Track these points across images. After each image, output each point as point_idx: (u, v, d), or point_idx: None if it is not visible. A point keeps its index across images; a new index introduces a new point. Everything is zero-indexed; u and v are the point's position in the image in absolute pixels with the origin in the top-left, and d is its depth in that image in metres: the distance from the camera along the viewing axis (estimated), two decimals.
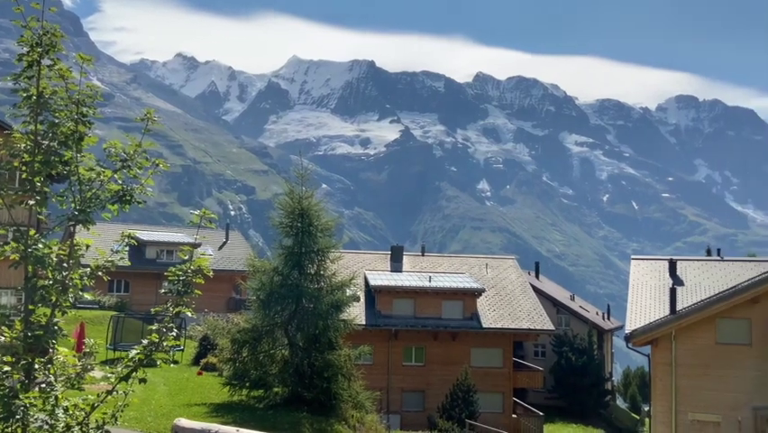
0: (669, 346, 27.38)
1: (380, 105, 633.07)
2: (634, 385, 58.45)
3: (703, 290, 30.19)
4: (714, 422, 26.77)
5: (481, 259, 47.46)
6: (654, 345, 27.82)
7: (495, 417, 36.30)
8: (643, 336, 27.69)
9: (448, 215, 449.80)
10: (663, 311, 28.63)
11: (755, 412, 26.14)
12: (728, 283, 29.49)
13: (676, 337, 27.30)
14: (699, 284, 30.94)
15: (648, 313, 29.33)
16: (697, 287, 30.68)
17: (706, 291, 29.73)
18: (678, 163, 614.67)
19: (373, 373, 36.70)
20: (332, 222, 21.92)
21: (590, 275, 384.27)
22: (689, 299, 29.08)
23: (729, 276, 31.00)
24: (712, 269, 32.80)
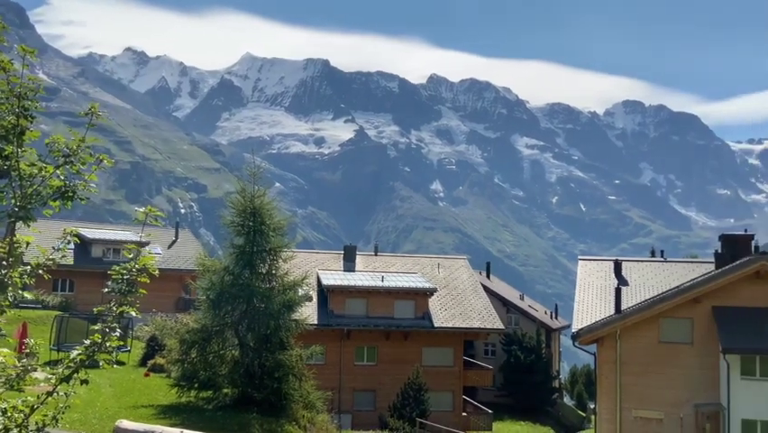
0: (614, 345, 28.10)
1: (335, 105, 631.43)
2: (580, 383, 59.72)
3: (647, 290, 31.06)
4: (657, 419, 27.59)
5: (433, 259, 47.80)
6: (600, 343, 28.51)
7: (445, 415, 36.62)
8: (589, 335, 28.35)
9: (401, 215, 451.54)
10: (609, 311, 29.35)
11: (696, 409, 27.03)
12: (671, 284, 30.45)
13: (621, 336, 28.04)
14: (644, 284, 31.83)
15: (594, 312, 30.02)
16: (641, 287, 31.55)
17: (650, 291, 30.60)
18: (624, 167, 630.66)
19: (325, 373, 36.56)
20: (284, 221, 21.75)
21: (539, 275, 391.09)
22: (633, 299, 29.89)
23: (672, 277, 31.99)
24: (656, 270, 33.78)
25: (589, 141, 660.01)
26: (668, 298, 27.76)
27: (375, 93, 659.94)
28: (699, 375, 27.19)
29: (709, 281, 27.31)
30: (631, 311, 28.16)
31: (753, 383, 25.37)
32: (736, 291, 27.05)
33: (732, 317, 26.47)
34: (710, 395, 26.84)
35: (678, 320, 27.73)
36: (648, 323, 27.93)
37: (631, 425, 27.77)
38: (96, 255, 48.06)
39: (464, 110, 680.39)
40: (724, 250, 30.29)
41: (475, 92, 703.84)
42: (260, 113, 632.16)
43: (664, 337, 27.89)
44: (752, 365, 25.51)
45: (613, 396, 28.05)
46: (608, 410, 28.24)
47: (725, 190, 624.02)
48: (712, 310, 26.95)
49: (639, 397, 27.73)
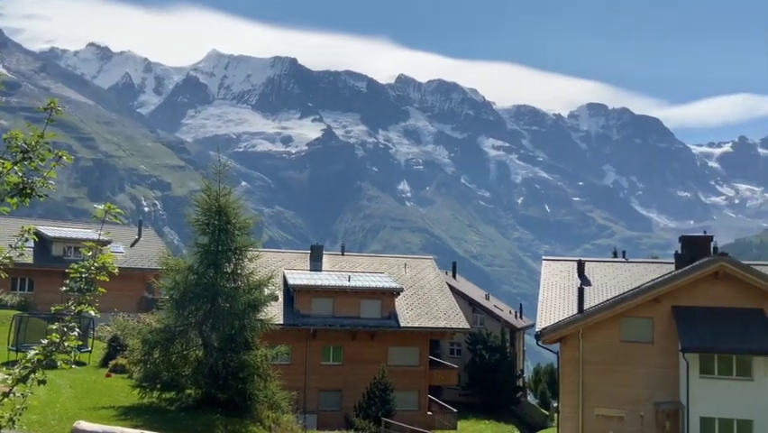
0: (576, 344, 28.51)
1: (302, 104, 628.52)
2: (544, 382, 60.45)
3: (609, 290, 31.59)
4: (618, 417, 28.08)
5: (400, 259, 47.93)
6: (563, 342, 28.91)
7: (411, 414, 36.75)
8: (552, 334, 28.72)
9: (369, 214, 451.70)
10: (572, 310, 29.77)
11: (656, 407, 27.59)
12: (633, 284, 31.02)
13: (583, 335, 28.47)
14: (606, 284, 32.37)
15: (557, 312, 30.44)
16: (603, 287, 32.08)
17: (611, 291, 31.14)
18: (588, 168, 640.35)
19: (290, 373, 36.34)
20: (250, 220, 21.55)
21: (505, 275, 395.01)
22: (596, 299, 30.36)
23: (633, 277, 32.60)
24: (618, 270, 34.38)
25: (554, 142, 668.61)
26: (629, 298, 28.28)
27: (343, 92, 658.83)
28: (659, 374, 27.75)
29: (669, 282, 27.89)
30: (593, 311, 28.60)
31: (711, 382, 25.98)
32: (696, 292, 27.68)
33: (691, 316, 27.08)
34: (670, 393, 27.42)
35: (639, 320, 28.26)
36: (610, 322, 28.41)
37: (593, 423, 28.21)
38: (57, 254, 47.06)
39: (432, 111, 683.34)
40: (684, 251, 30.97)
41: (443, 93, 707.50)
42: (227, 110, 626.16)
43: (626, 337, 28.40)
44: (710, 364, 26.12)
45: (575, 394, 28.47)
46: (570, 409, 28.64)
47: (685, 193, 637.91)
48: (672, 310, 27.53)
49: (601, 395, 28.19)
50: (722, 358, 26.01)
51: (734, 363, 25.93)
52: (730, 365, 25.98)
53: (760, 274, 27.33)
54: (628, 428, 27.79)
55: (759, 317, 26.43)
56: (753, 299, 27.02)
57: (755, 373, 25.59)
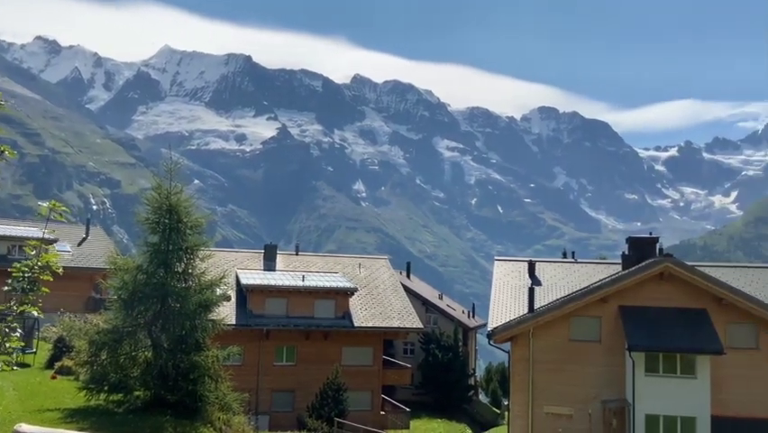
0: (527, 343, 28.97)
1: (257, 102, 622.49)
2: (495, 381, 61.17)
3: (558, 289, 32.19)
4: (566, 415, 28.62)
5: (355, 259, 47.91)
6: (514, 341, 29.33)
7: (364, 414, 36.77)
8: (503, 334, 29.12)
9: (324, 214, 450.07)
10: (522, 310, 30.24)
11: (604, 405, 28.22)
12: (581, 284, 31.68)
13: (533, 335, 28.94)
14: (555, 284, 32.97)
15: (509, 311, 30.88)
16: (553, 287, 32.66)
17: (561, 291, 31.73)
18: (539, 170, 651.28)
19: (243, 374, 35.96)
20: (203, 219, 21.24)
21: (458, 275, 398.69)
22: (546, 299, 30.90)
23: (582, 277, 33.29)
24: (567, 270, 35.05)
25: (507, 145, 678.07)
26: (578, 297, 28.86)
27: (298, 91, 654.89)
28: (606, 372, 28.38)
29: (616, 282, 28.57)
30: (543, 310, 29.10)
31: (656, 380, 26.70)
32: (642, 292, 28.41)
33: (637, 316, 27.79)
34: (617, 391, 28.09)
35: (587, 319, 28.86)
36: (559, 322, 28.94)
37: (542, 421, 28.70)
38: (0, 252, 45.56)
39: (387, 111, 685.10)
40: (630, 252, 31.75)
41: (398, 94, 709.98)
42: (179, 107, 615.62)
43: (574, 336, 28.97)
44: (655, 363, 26.84)
45: (525, 393, 28.92)
46: (520, 407, 29.08)
47: (632, 195, 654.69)
48: (619, 310, 28.21)
49: (550, 393, 28.69)
50: (667, 357, 26.75)
51: (678, 361, 26.69)
52: (674, 364, 26.75)
53: (703, 275, 28.22)
54: (577, 425, 28.36)
55: (702, 317, 27.28)
56: (696, 300, 27.87)
57: (699, 372, 26.41)
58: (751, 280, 32.80)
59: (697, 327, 26.90)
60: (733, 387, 26.83)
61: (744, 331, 27.57)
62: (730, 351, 26.30)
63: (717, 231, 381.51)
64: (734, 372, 26.84)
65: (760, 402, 26.86)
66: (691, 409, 26.32)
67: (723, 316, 27.45)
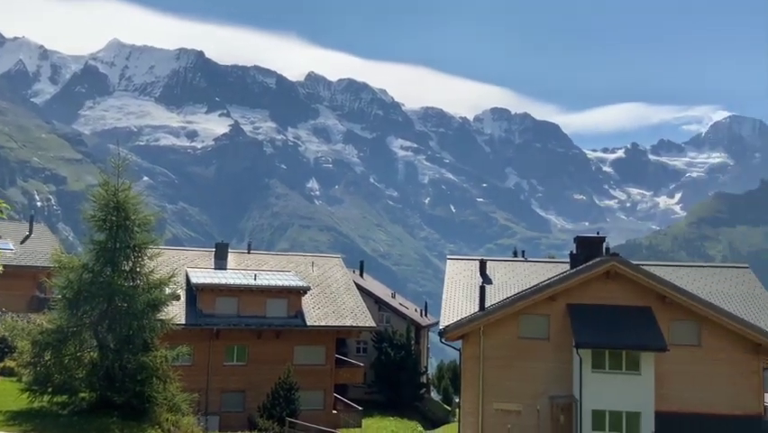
0: (477, 341, 29.32)
1: (209, 98, 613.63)
2: (447, 378, 61.75)
3: (509, 288, 32.66)
4: (515, 411, 29.09)
5: (308, 257, 47.68)
6: (465, 339, 29.66)
7: (316, 414, 36.66)
8: (454, 332, 29.41)
9: (277, 212, 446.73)
10: (474, 308, 30.58)
11: (551, 401, 28.79)
12: (531, 282, 32.23)
13: (484, 332, 29.31)
14: (506, 283, 33.44)
15: (460, 310, 31.19)
16: (504, 285, 33.13)
17: (511, 290, 32.21)
18: (491, 171, 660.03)
19: (192, 374, 35.40)
20: (151, 216, 20.87)
21: (411, 274, 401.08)
22: (496, 297, 31.32)
23: (532, 276, 33.85)
24: (517, 269, 35.60)
25: (460, 145, 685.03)
26: (527, 296, 29.36)
27: (251, 88, 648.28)
28: (554, 369, 28.94)
29: (564, 281, 29.16)
30: (494, 308, 29.49)
31: (602, 376, 27.35)
32: (589, 290, 29.06)
33: (584, 313, 28.42)
34: (565, 387, 28.67)
35: (536, 317, 29.38)
36: (509, 319, 29.38)
37: (492, 417, 29.09)
38: None
39: (341, 110, 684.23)
40: (578, 251, 32.44)
41: (353, 92, 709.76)
42: (128, 102, 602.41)
43: (524, 333, 29.44)
44: (602, 359, 27.49)
45: (476, 390, 29.27)
46: (470, 404, 29.42)
47: (581, 196, 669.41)
48: (567, 307, 28.79)
49: (500, 390, 29.11)
50: (612, 354, 27.43)
51: (623, 358, 27.39)
52: (620, 360, 27.44)
53: (648, 274, 29.05)
54: (525, 421, 28.84)
55: (647, 315, 28.07)
56: (642, 298, 28.66)
57: (643, 368, 27.16)
58: (694, 278, 33.91)
59: (641, 325, 27.67)
60: (676, 383, 27.69)
61: (686, 328, 28.46)
62: (673, 348, 27.12)
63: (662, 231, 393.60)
64: (677, 368, 27.70)
65: (701, 398, 27.77)
66: (636, 404, 27.06)
67: (666, 313, 28.30)
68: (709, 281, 33.87)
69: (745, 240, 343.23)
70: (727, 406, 27.63)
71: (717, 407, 27.60)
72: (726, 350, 28.07)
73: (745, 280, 34.43)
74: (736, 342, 28.01)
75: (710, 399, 27.71)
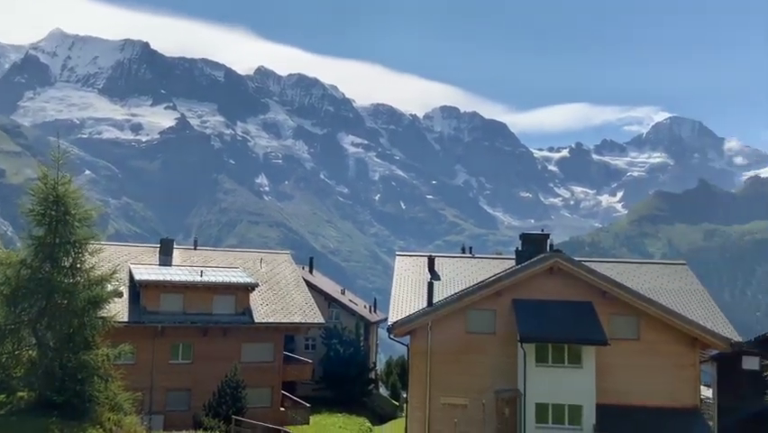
0: (425, 336, 29.64)
1: (155, 90, 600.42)
2: (395, 374, 62.17)
3: (457, 284, 33.06)
4: (462, 405, 29.51)
5: (256, 253, 47.23)
6: (413, 335, 29.93)
7: (263, 411, 36.42)
8: (403, 327, 29.65)
9: (225, 208, 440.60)
10: (422, 304, 30.87)
11: (497, 395, 29.30)
12: (478, 278, 32.71)
13: (432, 328, 29.64)
14: (454, 279, 33.84)
15: (409, 306, 31.43)
16: (451, 281, 33.51)
17: (459, 285, 32.61)
18: (441, 168, 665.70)
19: (135, 373, 34.66)
20: (93, 211, 20.32)
21: (361, 270, 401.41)
22: (444, 293, 31.68)
23: (479, 272, 34.34)
24: (465, 265, 36.05)
25: (410, 142, 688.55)
26: (474, 291, 29.81)
27: (199, 81, 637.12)
28: (500, 363, 29.46)
29: (510, 276, 29.73)
30: (441, 304, 29.85)
31: (545, 370, 27.97)
32: (533, 285, 29.70)
33: (529, 308, 29.03)
34: (510, 381, 29.22)
35: (483, 312, 29.85)
36: (457, 315, 29.79)
37: (439, 412, 29.45)
38: None
39: (292, 105, 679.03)
40: (524, 248, 33.07)
41: (303, 88, 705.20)
42: (70, 94, 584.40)
43: (471, 328, 29.89)
44: (545, 353, 28.12)
45: (423, 385, 29.57)
46: (418, 398, 29.71)
47: (527, 193, 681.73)
48: (512, 303, 29.36)
49: (447, 385, 29.49)
50: (555, 347, 28.08)
51: (566, 352, 28.07)
52: (562, 354, 28.11)
53: (589, 270, 29.84)
54: (471, 415, 29.28)
55: (589, 310, 28.83)
56: (583, 293, 29.42)
57: (585, 362, 27.88)
58: (633, 274, 34.97)
59: (583, 319, 28.40)
60: (616, 376, 28.52)
61: (626, 322, 29.34)
62: (613, 341, 27.91)
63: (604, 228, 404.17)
64: (617, 361, 28.53)
65: (640, 390, 28.67)
66: (578, 397, 27.76)
67: (607, 308, 29.12)
68: (648, 277, 34.97)
69: (684, 238, 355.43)
70: (665, 398, 28.59)
71: (656, 399, 28.54)
72: (664, 344, 29.06)
73: (682, 277, 35.67)
74: (674, 336, 29.02)
75: (649, 391, 28.63)
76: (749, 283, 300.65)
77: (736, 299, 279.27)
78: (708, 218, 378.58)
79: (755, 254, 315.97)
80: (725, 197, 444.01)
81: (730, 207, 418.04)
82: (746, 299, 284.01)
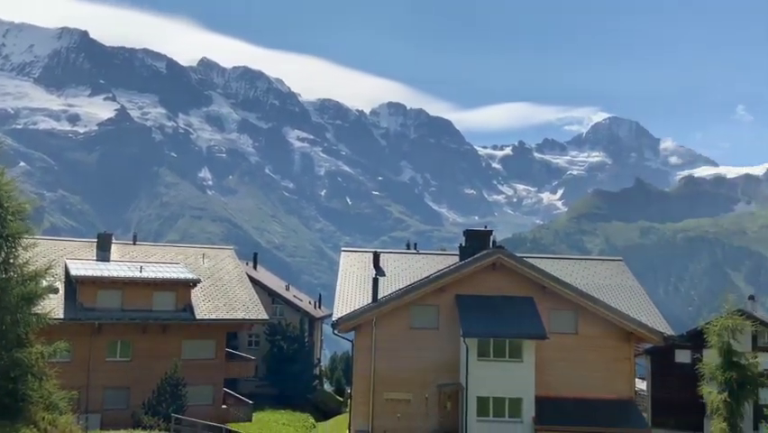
0: (370, 332, 29.79)
1: (93, 80, 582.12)
2: (340, 369, 62.21)
3: (401, 280, 33.29)
4: (405, 400, 29.79)
5: (198, 249, 46.46)
6: (358, 330, 30.04)
7: (205, 409, 35.93)
8: (348, 323, 29.71)
9: (166, 202, 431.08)
10: (367, 300, 30.98)
11: (440, 389, 29.68)
12: (422, 274, 33.02)
13: (377, 323, 29.81)
14: (399, 275, 34.07)
15: (354, 301, 31.49)
16: (396, 277, 33.73)
17: (404, 281, 32.85)
18: (387, 164, 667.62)
19: (71, 371, 33.73)
20: (27, 204, 19.65)
21: (306, 266, 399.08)
22: (389, 288, 31.86)
23: (423, 268, 34.66)
24: (410, 261, 36.34)
25: (356, 138, 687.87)
26: (418, 287, 30.09)
27: (140, 71, 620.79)
28: (443, 358, 29.85)
29: (453, 272, 30.13)
30: (386, 300, 30.02)
31: (487, 364, 28.48)
32: (476, 281, 30.19)
33: (471, 304, 29.49)
34: (452, 376, 29.64)
35: (426, 307, 30.19)
36: (401, 310, 30.02)
37: (382, 407, 29.64)
38: None
39: (236, 98, 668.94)
40: (467, 244, 33.56)
41: (248, 80, 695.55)
42: (4, 83, 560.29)
43: (414, 324, 30.19)
44: (487, 348, 28.63)
45: (367, 380, 29.71)
46: (362, 394, 29.84)
47: (471, 190, 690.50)
48: (456, 298, 29.77)
49: (391, 380, 29.71)
50: (497, 342, 28.61)
51: (507, 346, 28.64)
52: (504, 349, 28.67)
53: (530, 266, 30.52)
54: (414, 409, 29.59)
55: (529, 305, 29.49)
56: (525, 289, 30.08)
57: (525, 355, 28.51)
58: (572, 270, 35.90)
59: (524, 314, 29.04)
60: (555, 369, 29.29)
61: (564, 317, 30.15)
62: (553, 335, 28.65)
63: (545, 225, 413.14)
64: (556, 355, 29.30)
65: (578, 383, 29.52)
66: (518, 390, 28.37)
67: (547, 303, 29.85)
68: (587, 273, 35.97)
69: (620, 235, 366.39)
70: (602, 390, 29.52)
71: (593, 391, 29.43)
72: (601, 338, 29.98)
73: (618, 273, 36.81)
74: (610, 330, 29.97)
75: (586, 384, 29.50)
76: (682, 279, 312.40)
77: (670, 295, 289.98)
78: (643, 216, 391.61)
79: (688, 251, 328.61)
80: (660, 195, 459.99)
81: (665, 206, 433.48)
82: (680, 295, 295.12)
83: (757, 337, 38.06)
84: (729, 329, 22.89)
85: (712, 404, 22.90)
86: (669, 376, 41.66)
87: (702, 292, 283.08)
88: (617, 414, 28.89)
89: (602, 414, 28.69)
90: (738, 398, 22.09)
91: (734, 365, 22.28)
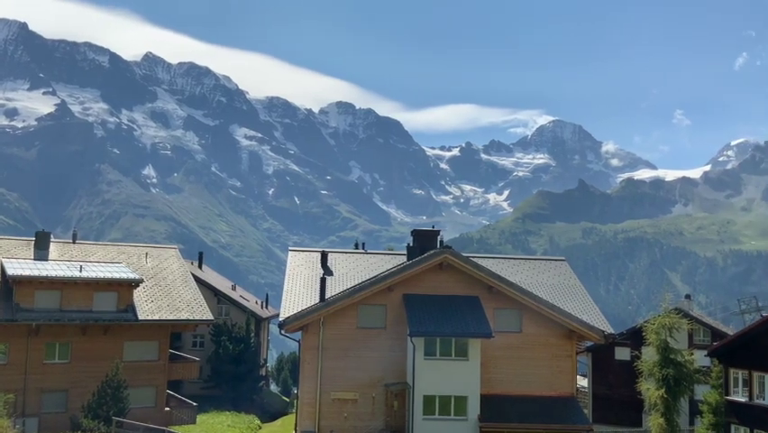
0: (317, 332, 29.65)
1: (32, 74, 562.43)
2: (286, 370, 61.80)
3: (349, 279, 33.24)
4: (352, 399, 29.76)
5: (141, 248, 45.40)
6: (305, 330, 29.85)
7: (148, 411, 35.19)
8: (295, 323, 29.50)
9: (108, 200, 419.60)
10: (314, 299, 30.83)
11: (386, 388, 29.75)
12: (370, 274, 33.04)
13: (324, 323, 29.69)
14: (346, 274, 34.00)
15: (301, 301, 31.28)
16: (344, 277, 33.65)
17: (352, 281, 32.81)
18: (335, 164, 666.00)
19: (7, 374, 32.67)
20: None
21: (254, 265, 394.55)
22: (337, 288, 31.77)
23: (371, 267, 34.69)
24: (358, 260, 36.29)
25: (305, 137, 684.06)
26: (366, 286, 30.09)
27: (81, 65, 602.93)
28: (390, 357, 29.94)
29: (401, 272, 30.24)
30: (333, 299, 29.93)
31: (433, 363, 28.65)
32: (424, 280, 30.37)
33: (419, 303, 29.65)
34: (399, 375, 29.75)
35: (374, 307, 30.21)
36: (348, 310, 29.97)
37: (329, 407, 29.53)
38: None
39: (182, 94, 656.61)
40: (415, 244, 33.74)
41: (194, 77, 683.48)
42: None
43: (362, 323, 30.17)
44: (433, 347, 28.80)
45: (314, 380, 29.55)
46: (309, 394, 29.66)
47: (419, 190, 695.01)
48: (403, 298, 29.89)
49: (338, 380, 29.63)
50: (443, 341, 28.82)
51: (453, 345, 28.88)
52: (450, 347, 28.89)
53: (477, 266, 30.86)
54: (361, 409, 29.58)
55: (475, 304, 29.83)
56: (471, 288, 30.42)
57: (471, 354, 28.81)
58: (517, 270, 36.50)
59: (470, 313, 29.35)
60: (499, 367, 29.74)
61: (509, 316, 30.61)
62: (498, 334, 29.06)
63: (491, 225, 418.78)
64: (500, 353, 29.74)
65: (522, 381, 30.04)
66: (464, 388, 28.66)
67: (492, 302, 30.26)
68: (531, 273, 36.61)
69: (564, 235, 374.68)
70: (545, 387, 30.12)
71: (536, 389, 30.00)
72: (544, 336, 30.58)
73: (562, 272, 37.59)
74: (553, 328, 30.59)
75: (530, 381, 30.06)
76: (622, 279, 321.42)
77: (611, 294, 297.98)
78: (586, 217, 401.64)
79: (628, 252, 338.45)
80: (601, 197, 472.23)
81: (606, 207, 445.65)
82: (620, 294, 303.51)
83: (693, 335, 39.59)
84: (667, 327, 23.69)
85: (650, 400, 23.66)
86: (609, 373, 42.90)
87: (641, 291, 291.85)
88: (560, 411, 29.48)
89: (545, 411, 29.25)
90: (675, 394, 22.85)
91: (671, 362, 23.03)
